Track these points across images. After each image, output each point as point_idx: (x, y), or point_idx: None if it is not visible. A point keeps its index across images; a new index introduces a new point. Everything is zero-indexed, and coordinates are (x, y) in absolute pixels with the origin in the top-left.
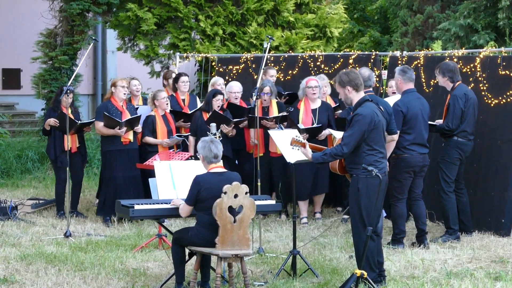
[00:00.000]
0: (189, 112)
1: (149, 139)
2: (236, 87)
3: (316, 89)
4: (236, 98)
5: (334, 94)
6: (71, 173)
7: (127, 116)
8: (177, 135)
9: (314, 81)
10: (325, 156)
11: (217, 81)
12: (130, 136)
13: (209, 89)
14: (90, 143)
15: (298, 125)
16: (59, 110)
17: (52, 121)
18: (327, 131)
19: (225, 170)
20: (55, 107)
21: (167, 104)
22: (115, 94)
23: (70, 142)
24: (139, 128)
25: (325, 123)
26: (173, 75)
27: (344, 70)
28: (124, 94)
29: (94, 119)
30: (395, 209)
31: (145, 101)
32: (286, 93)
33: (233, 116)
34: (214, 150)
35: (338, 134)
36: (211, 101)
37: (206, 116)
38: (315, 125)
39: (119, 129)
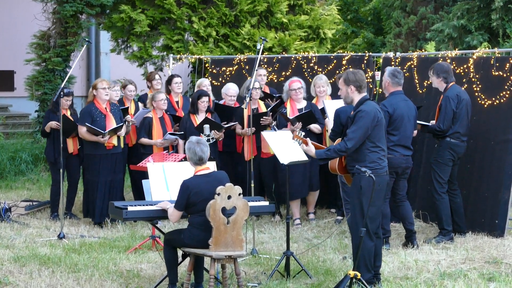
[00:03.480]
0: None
1: (144, 140)
2: (232, 90)
3: (300, 91)
4: (232, 101)
5: (334, 94)
6: (68, 175)
7: (111, 119)
8: (169, 133)
9: (297, 82)
10: (328, 152)
11: (202, 82)
12: (114, 141)
13: (195, 90)
14: None
15: (286, 115)
16: (59, 112)
17: (54, 124)
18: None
19: (212, 170)
20: (54, 109)
21: (163, 104)
22: (97, 97)
23: (72, 144)
24: (122, 133)
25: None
26: (156, 77)
27: (351, 69)
28: (106, 95)
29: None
30: None
31: (136, 104)
32: (278, 95)
33: (221, 117)
34: (199, 153)
35: (329, 104)
36: (196, 103)
37: (193, 118)
38: (303, 112)
39: (102, 137)
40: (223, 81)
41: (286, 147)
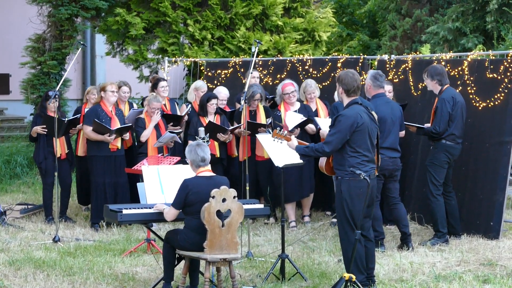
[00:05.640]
0: (181, 115)
1: (146, 133)
2: (223, 93)
3: (293, 94)
4: (222, 104)
5: (322, 97)
6: (59, 179)
7: (116, 122)
8: (169, 131)
9: (290, 86)
10: (307, 149)
11: (201, 87)
12: (118, 143)
13: (191, 93)
14: None
15: (281, 118)
16: (45, 115)
17: (39, 129)
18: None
19: (214, 174)
20: (41, 113)
21: (153, 112)
22: (105, 99)
23: (59, 148)
24: (127, 136)
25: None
26: (163, 83)
27: (347, 70)
28: (114, 97)
29: (78, 115)
30: None
31: (131, 106)
32: (270, 96)
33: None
34: (201, 153)
35: (322, 122)
36: (205, 106)
37: (203, 120)
38: (300, 121)
39: (109, 136)
40: (218, 84)
41: (280, 149)
